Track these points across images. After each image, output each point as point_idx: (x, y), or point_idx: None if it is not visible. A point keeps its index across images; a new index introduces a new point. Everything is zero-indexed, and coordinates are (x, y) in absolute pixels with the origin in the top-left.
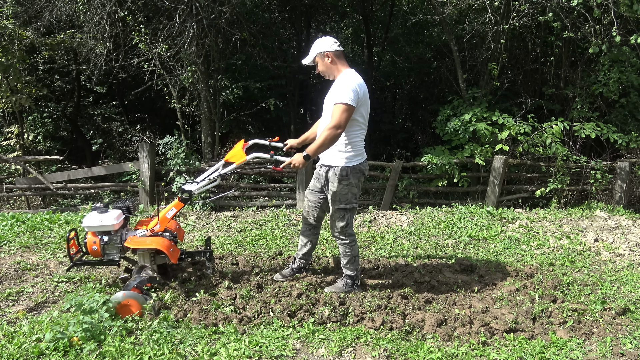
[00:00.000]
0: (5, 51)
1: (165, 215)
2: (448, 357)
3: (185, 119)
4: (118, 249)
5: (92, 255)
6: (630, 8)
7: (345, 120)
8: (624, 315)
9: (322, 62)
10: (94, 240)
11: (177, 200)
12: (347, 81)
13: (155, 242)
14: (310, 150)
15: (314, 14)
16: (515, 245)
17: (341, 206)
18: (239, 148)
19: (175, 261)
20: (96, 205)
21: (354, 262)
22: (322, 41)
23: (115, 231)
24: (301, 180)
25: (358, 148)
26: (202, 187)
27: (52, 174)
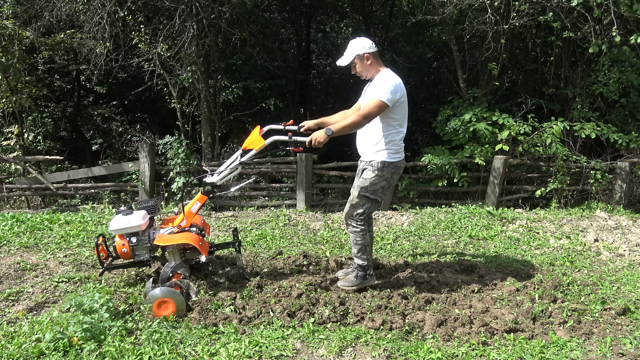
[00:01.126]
0: (5, 51)
1: (190, 210)
2: (448, 357)
3: (185, 119)
4: (147, 248)
5: (122, 257)
6: (630, 8)
7: (375, 114)
8: (624, 315)
9: (360, 64)
10: (122, 242)
11: (200, 194)
12: (387, 80)
13: (184, 237)
14: (334, 127)
15: (314, 14)
16: (515, 245)
17: (366, 194)
18: (255, 134)
19: (206, 254)
20: (120, 208)
21: (365, 251)
22: (359, 43)
23: (143, 231)
24: (301, 180)
25: (397, 146)
26: (224, 177)
27: (52, 174)
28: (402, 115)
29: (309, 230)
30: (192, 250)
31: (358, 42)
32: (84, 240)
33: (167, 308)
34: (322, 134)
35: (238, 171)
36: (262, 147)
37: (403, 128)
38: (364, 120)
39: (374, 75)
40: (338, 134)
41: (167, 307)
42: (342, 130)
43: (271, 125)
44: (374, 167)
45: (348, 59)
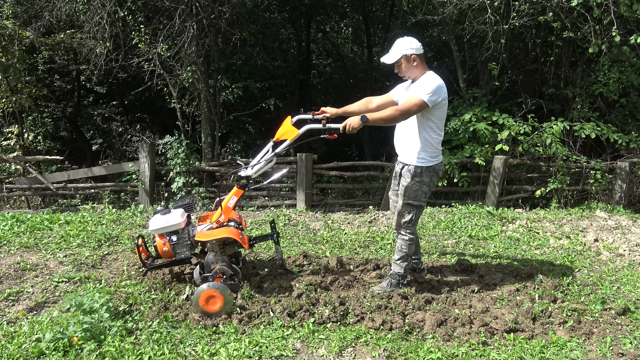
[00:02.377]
0: (5, 51)
1: (227, 204)
2: (448, 357)
3: (185, 119)
4: (188, 246)
5: (164, 257)
6: (630, 8)
7: (413, 112)
8: (624, 315)
9: (406, 64)
10: (163, 242)
11: (236, 188)
12: (432, 82)
13: (224, 232)
14: (370, 115)
15: (314, 14)
16: (515, 245)
17: (409, 202)
18: (288, 124)
19: (247, 247)
20: (157, 208)
21: (406, 260)
22: (407, 42)
23: (182, 229)
24: (301, 180)
25: (434, 149)
26: (259, 170)
27: (52, 174)
28: (442, 118)
29: (309, 230)
30: (231, 245)
31: (406, 42)
32: (84, 240)
33: (216, 303)
34: (357, 120)
35: (273, 163)
36: (296, 137)
37: (441, 131)
38: (401, 116)
39: (418, 77)
40: (372, 123)
41: (216, 302)
42: (376, 121)
43: (300, 115)
44: (411, 172)
45: (394, 57)
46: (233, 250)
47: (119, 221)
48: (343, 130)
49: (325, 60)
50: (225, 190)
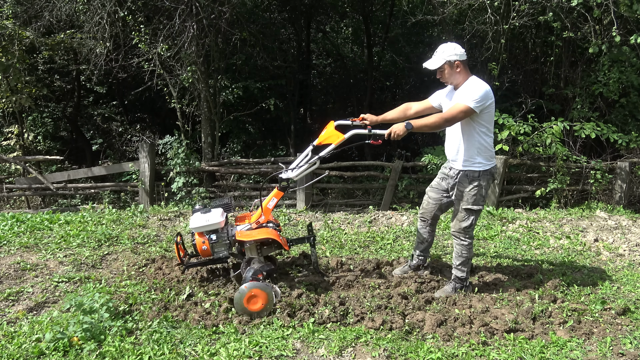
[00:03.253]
0: (5, 51)
1: (267, 206)
2: (448, 357)
3: (185, 119)
4: (226, 245)
5: (202, 255)
6: (630, 8)
7: (458, 119)
8: (624, 315)
9: (449, 70)
10: (202, 240)
11: (276, 190)
12: (478, 88)
13: (265, 233)
14: (415, 122)
15: (314, 14)
16: (515, 245)
17: (468, 207)
18: (331, 129)
19: (287, 248)
20: (196, 207)
21: (467, 264)
22: (451, 48)
23: (222, 228)
24: (301, 180)
25: (489, 152)
26: (301, 172)
27: (52, 174)
28: (491, 121)
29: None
30: (269, 246)
31: (450, 48)
32: (84, 240)
33: (257, 302)
34: (402, 127)
35: (316, 166)
36: (341, 141)
37: (492, 133)
38: (445, 123)
39: (461, 83)
40: (417, 130)
41: (257, 301)
42: (421, 128)
43: (339, 121)
44: (469, 177)
45: (438, 63)
46: (271, 251)
47: (119, 221)
48: (388, 136)
49: (325, 60)
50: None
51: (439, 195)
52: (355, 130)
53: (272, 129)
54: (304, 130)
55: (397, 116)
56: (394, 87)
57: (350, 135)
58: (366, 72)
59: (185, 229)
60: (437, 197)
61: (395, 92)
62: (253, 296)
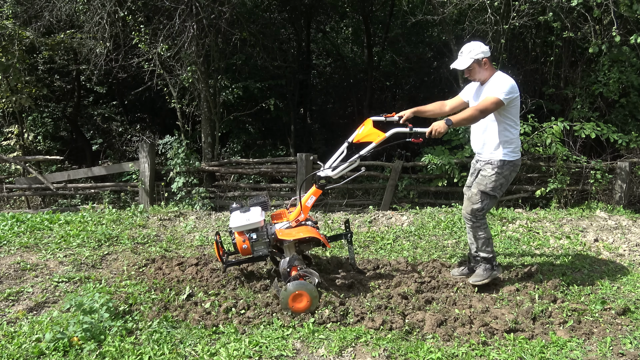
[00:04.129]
0: (5, 51)
1: (306, 204)
2: (448, 357)
3: (185, 119)
4: (266, 244)
5: (242, 254)
6: (630, 8)
7: (491, 110)
8: (624, 315)
9: (477, 68)
10: (242, 239)
11: (314, 188)
12: (505, 81)
13: (307, 231)
14: (453, 118)
15: (314, 14)
16: (515, 245)
17: (485, 190)
18: (370, 126)
19: (329, 246)
20: (233, 206)
21: (488, 244)
22: (477, 47)
23: (261, 227)
24: (301, 180)
25: (514, 145)
26: (340, 171)
27: (52, 174)
28: (517, 114)
29: None
30: (307, 243)
31: (476, 47)
32: (84, 240)
33: (302, 301)
34: (443, 124)
35: (356, 164)
36: (382, 140)
37: (518, 127)
38: (480, 114)
39: (488, 78)
40: (456, 125)
41: (302, 300)
42: (460, 122)
43: (373, 117)
44: (493, 165)
45: (466, 63)
46: (309, 248)
47: (119, 221)
48: (429, 134)
49: (325, 60)
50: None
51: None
52: (397, 129)
53: (272, 129)
54: (304, 130)
55: (433, 110)
56: (394, 87)
57: (392, 134)
58: (366, 72)
59: (185, 229)
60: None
61: (395, 92)
62: (298, 295)
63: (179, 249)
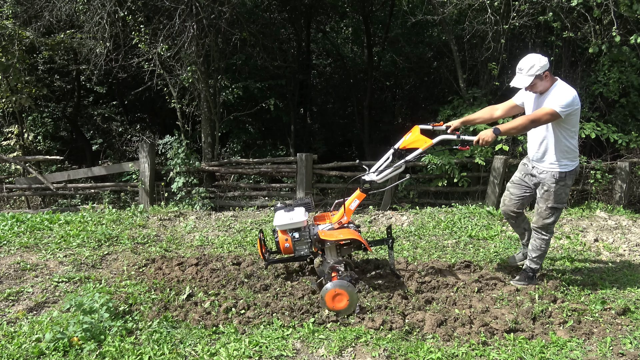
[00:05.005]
0: (5, 51)
1: (349, 207)
2: (448, 357)
3: (185, 119)
4: (308, 244)
5: (284, 252)
6: (630, 8)
7: (544, 121)
8: (624, 315)
9: (540, 82)
10: (285, 238)
11: (358, 192)
12: (566, 93)
13: (349, 233)
14: (502, 127)
15: (314, 14)
16: (515, 245)
17: (553, 205)
18: (417, 133)
19: (370, 249)
20: (278, 205)
21: (542, 257)
22: (537, 62)
23: (304, 227)
24: (301, 180)
25: (574, 153)
26: (385, 176)
27: (52, 174)
28: (577, 124)
29: None
30: (348, 246)
31: (535, 62)
32: (84, 240)
33: (342, 300)
34: (490, 133)
35: (401, 170)
36: (429, 147)
37: (577, 135)
38: (531, 124)
39: (548, 87)
40: (505, 134)
41: (342, 299)
42: (509, 131)
43: (421, 125)
44: (556, 177)
45: (528, 81)
46: (349, 251)
47: (119, 221)
48: (476, 143)
49: (325, 60)
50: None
51: (521, 191)
52: (444, 136)
53: (272, 129)
54: (304, 130)
55: (483, 117)
56: (394, 87)
57: (438, 141)
58: (366, 72)
59: (185, 229)
60: (519, 193)
61: (395, 92)
62: (338, 294)
63: (179, 249)
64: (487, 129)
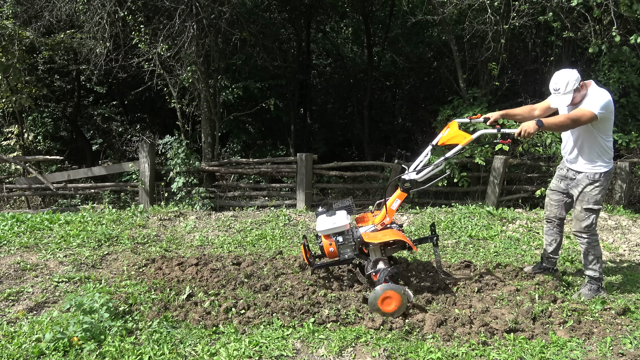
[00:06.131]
0: (5, 51)
1: (391, 207)
2: (448, 357)
3: (185, 119)
4: (352, 247)
5: (329, 256)
6: (630, 8)
7: (583, 122)
8: (624, 315)
9: (577, 93)
10: (329, 242)
11: (399, 191)
12: (602, 96)
13: (394, 234)
14: (545, 120)
15: (314, 14)
16: (515, 245)
17: (589, 206)
18: (455, 128)
19: (415, 249)
20: (319, 210)
21: (597, 263)
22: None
23: (347, 230)
24: (301, 180)
25: (609, 155)
26: (426, 174)
27: (52, 174)
28: (611, 126)
29: (309, 230)
30: (391, 246)
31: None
32: (84, 240)
33: (391, 303)
34: (533, 124)
35: (442, 167)
36: (469, 142)
37: (611, 136)
38: (572, 124)
39: (585, 94)
40: (546, 128)
41: (391, 302)
42: (551, 127)
43: (458, 119)
44: (590, 179)
45: (568, 99)
46: (394, 251)
47: (119, 221)
48: (518, 135)
49: (325, 60)
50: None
51: (559, 196)
52: (484, 131)
53: (272, 129)
54: (304, 130)
55: (522, 113)
56: (394, 87)
57: (479, 135)
58: (366, 72)
59: (185, 229)
60: (558, 199)
61: (395, 92)
62: (387, 297)
63: (179, 249)
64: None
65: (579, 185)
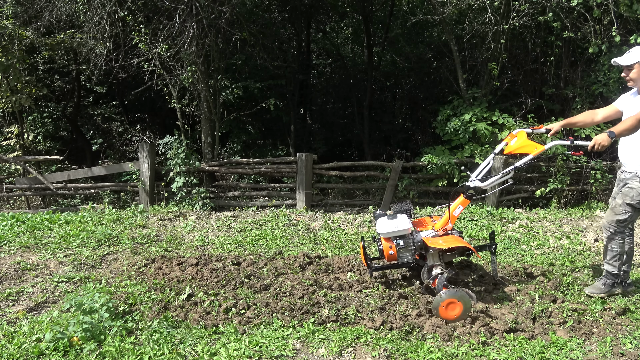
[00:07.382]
0: (5, 51)
1: (453, 213)
2: (448, 357)
3: (185, 119)
4: (412, 251)
5: (388, 259)
6: (630, 8)
7: None
8: (624, 315)
9: (638, 70)
10: (389, 245)
11: (462, 198)
12: None
13: (456, 240)
14: (615, 129)
15: (314, 14)
16: (515, 245)
17: (631, 202)
18: (524, 138)
19: (479, 256)
20: (377, 213)
21: (619, 260)
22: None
23: (408, 234)
24: (301, 180)
25: None
26: (492, 183)
27: (52, 174)
28: None
29: (309, 230)
30: (451, 252)
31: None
32: (84, 240)
33: (455, 309)
34: (606, 137)
35: (510, 176)
36: (540, 152)
37: None
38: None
39: None
40: (619, 136)
41: (455, 308)
42: (622, 133)
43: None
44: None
45: (630, 60)
46: (452, 257)
47: (119, 221)
48: (591, 148)
49: (325, 60)
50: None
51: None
52: (558, 142)
53: (272, 129)
54: (304, 130)
55: (584, 120)
56: (394, 87)
57: (551, 146)
58: (366, 72)
59: (185, 229)
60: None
61: (395, 92)
62: (451, 303)
63: (179, 249)
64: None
65: (627, 182)
